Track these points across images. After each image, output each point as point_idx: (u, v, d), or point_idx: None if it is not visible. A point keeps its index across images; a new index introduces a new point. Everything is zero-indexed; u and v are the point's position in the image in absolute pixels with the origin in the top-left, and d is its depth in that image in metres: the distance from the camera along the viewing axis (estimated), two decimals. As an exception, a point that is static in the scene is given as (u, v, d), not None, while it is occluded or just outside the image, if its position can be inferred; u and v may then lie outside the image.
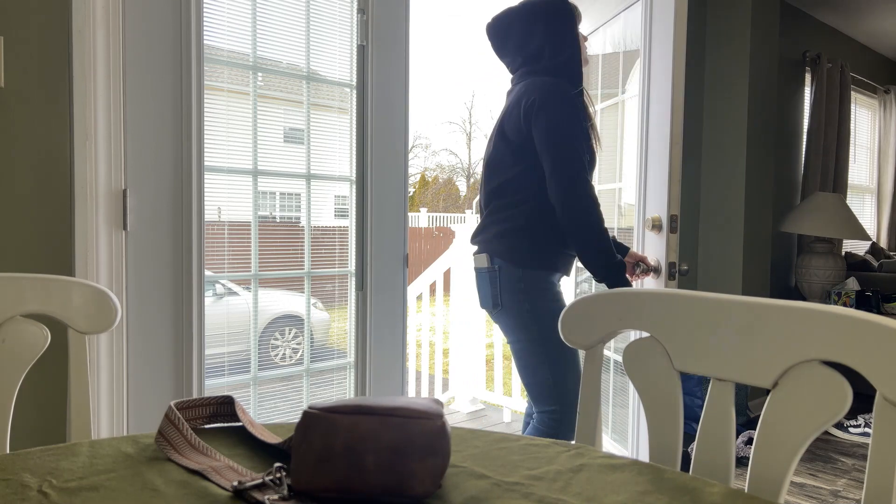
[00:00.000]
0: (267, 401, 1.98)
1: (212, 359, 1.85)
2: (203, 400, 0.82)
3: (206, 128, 1.78)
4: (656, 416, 0.86)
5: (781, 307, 0.76)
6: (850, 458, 2.98)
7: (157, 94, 1.68)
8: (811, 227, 3.71)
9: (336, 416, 0.61)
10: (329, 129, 2.06)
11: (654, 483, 0.66)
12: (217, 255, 1.85)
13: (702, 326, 0.82)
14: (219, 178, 1.83)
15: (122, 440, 0.77)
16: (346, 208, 2.12)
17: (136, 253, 1.66)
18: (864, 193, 5.31)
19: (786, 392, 0.74)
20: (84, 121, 1.56)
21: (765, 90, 3.50)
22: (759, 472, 0.75)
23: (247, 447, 0.76)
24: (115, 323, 1.00)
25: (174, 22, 1.70)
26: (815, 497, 2.53)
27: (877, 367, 0.68)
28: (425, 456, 0.59)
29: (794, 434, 0.73)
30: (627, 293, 0.90)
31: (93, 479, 0.65)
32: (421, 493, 0.59)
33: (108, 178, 1.61)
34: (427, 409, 0.62)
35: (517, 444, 0.77)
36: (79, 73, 1.55)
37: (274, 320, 2.01)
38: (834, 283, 3.88)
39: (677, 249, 2.09)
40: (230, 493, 0.62)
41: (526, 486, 0.65)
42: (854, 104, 4.94)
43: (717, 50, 3.48)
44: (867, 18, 4.44)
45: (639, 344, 0.88)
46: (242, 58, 1.87)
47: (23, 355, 0.97)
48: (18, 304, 0.97)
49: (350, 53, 2.09)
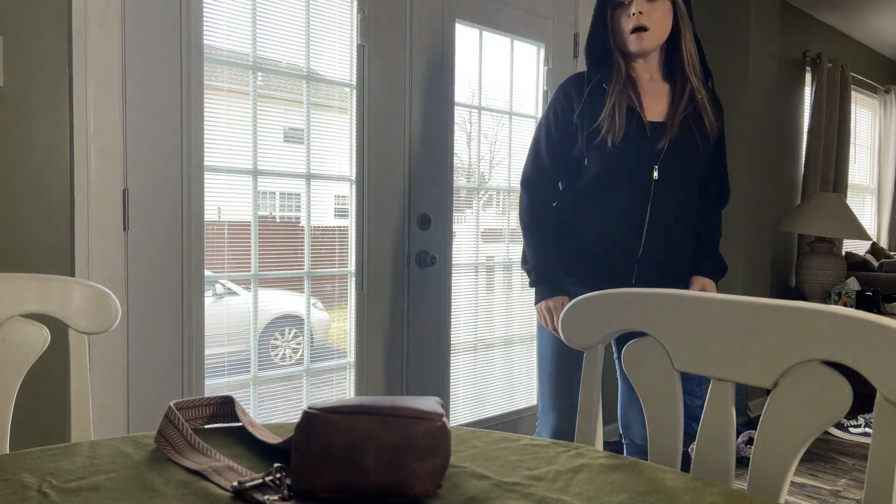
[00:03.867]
0: (267, 401, 1.98)
1: (212, 359, 1.85)
2: (203, 400, 0.82)
3: (205, 128, 1.78)
4: (656, 416, 0.86)
5: (781, 307, 0.76)
6: (851, 458, 2.98)
7: (156, 93, 1.68)
8: (811, 226, 3.71)
9: (336, 416, 0.61)
10: (329, 128, 2.06)
11: (654, 483, 0.66)
12: (217, 255, 1.85)
13: (702, 326, 0.82)
14: (219, 178, 1.83)
15: (122, 440, 0.77)
16: (346, 208, 2.12)
17: (136, 253, 1.66)
18: (865, 193, 5.31)
19: (786, 392, 0.74)
20: (84, 121, 1.56)
21: (765, 90, 3.50)
22: (760, 472, 0.75)
23: (247, 447, 0.76)
24: (116, 323, 1.00)
25: (174, 22, 1.70)
26: (815, 497, 2.53)
27: (877, 367, 0.68)
28: (425, 456, 0.59)
29: (794, 434, 0.73)
30: (628, 293, 0.90)
31: (93, 480, 0.65)
32: (421, 493, 0.59)
33: (108, 178, 1.61)
34: (427, 410, 0.62)
35: (517, 444, 0.77)
36: (79, 73, 1.55)
37: (274, 320, 2.01)
38: (834, 283, 3.88)
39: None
40: (230, 494, 0.62)
41: (526, 487, 0.65)
42: (854, 104, 4.94)
43: (717, 49, 3.48)
44: (867, 18, 4.44)
45: (639, 344, 0.88)
46: (242, 57, 1.87)
47: (23, 355, 0.97)
48: (18, 303, 0.97)
49: (350, 53, 2.09)
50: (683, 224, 1.67)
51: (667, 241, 1.64)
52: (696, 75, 1.62)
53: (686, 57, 1.62)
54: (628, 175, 1.60)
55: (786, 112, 4.17)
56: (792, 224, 3.79)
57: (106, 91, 1.60)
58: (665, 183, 1.60)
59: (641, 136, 1.59)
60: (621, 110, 1.58)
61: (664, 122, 1.61)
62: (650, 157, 1.59)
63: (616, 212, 1.62)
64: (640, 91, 1.64)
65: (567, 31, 2.71)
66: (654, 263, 1.64)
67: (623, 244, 1.63)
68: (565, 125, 1.67)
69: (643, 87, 1.65)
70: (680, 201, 1.64)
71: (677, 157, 1.60)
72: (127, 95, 1.63)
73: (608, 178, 1.62)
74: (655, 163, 1.59)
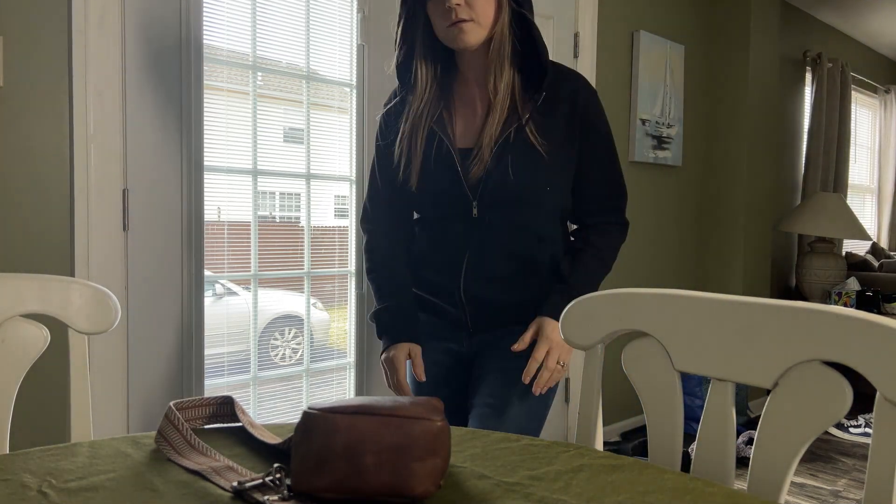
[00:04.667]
0: (267, 401, 1.98)
1: (211, 359, 1.85)
2: (203, 400, 0.82)
3: (205, 127, 1.78)
4: (656, 416, 0.86)
5: (782, 307, 0.76)
6: (851, 458, 2.98)
7: (156, 93, 1.68)
8: (811, 226, 3.71)
9: (336, 416, 0.60)
10: (329, 128, 2.06)
11: (654, 483, 0.66)
12: (217, 255, 1.85)
13: (702, 326, 0.82)
14: (218, 178, 1.83)
15: (122, 440, 0.77)
16: (346, 208, 2.12)
17: (135, 253, 1.66)
18: (865, 193, 5.31)
19: (786, 392, 0.74)
20: (84, 121, 1.56)
21: (765, 89, 3.50)
22: (760, 472, 0.75)
23: (247, 447, 0.76)
24: (115, 323, 1.00)
25: (174, 21, 1.70)
26: (815, 497, 2.53)
27: (877, 367, 0.68)
28: (425, 456, 0.59)
29: (794, 434, 0.73)
30: (627, 293, 0.90)
31: (92, 480, 0.65)
32: (421, 494, 0.59)
33: (108, 178, 1.61)
34: (427, 410, 0.62)
35: (517, 444, 0.77)
36: (79, 73, 1.55)
37: (274, 320, 2.01)
38: (834, 283, 3.88)
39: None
40: (230, 494, 0.62)
41: (526, 487, 0.65)
42: (854, 104, 4.94)
43: (717, 49, 3.48)
44: (868, 18, 4.44)
45: (639, 344, 0.88)
46: (242, 57, 1.87)
47: (22, 355, 0.97)
48: (18, 304, 0.97)
49: (350, 53, 2.09)
50: (524, 261, 1.28)
51: (500, 287, 1.28)
52: (506, 76, 1.21)
53: (505, 51, 1.20)
54: (443, 217, 1.29)
55: (786, 112, 4.17)
56: (792, 224, 3.79)
57: (106, 91, 1.60)
58: (490, 220, 1.24)
59: (449, 168, 1.24)
60: (419, 138, 1.25)
61: (473, 147, 1.24)
62: (465, 197, 1.24)
63: (437, 260, 1.32)
64: (455, 107, 1.29)
65: (567, 30, 2.71)
66: (484, 316, 1.31)
67: (448, 297, 1.32)
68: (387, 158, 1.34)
69: (461, 100, 1.29)
70: (513, 238, 1.26)
71: (505, 187, 1.21)
72: (127, 95, 1.63)
73: (425, 218, 1.34)
74: (474, 199, 1.23)
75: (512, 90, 1.22)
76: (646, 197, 3.15)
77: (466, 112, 1.29)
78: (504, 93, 1.21)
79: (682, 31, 3.30)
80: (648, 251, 3.19)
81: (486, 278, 1.28)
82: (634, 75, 3.02)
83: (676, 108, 3.24)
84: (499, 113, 1.21)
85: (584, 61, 2.77)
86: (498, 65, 1.21)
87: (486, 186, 1.22)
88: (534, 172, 1.22)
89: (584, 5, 2.73)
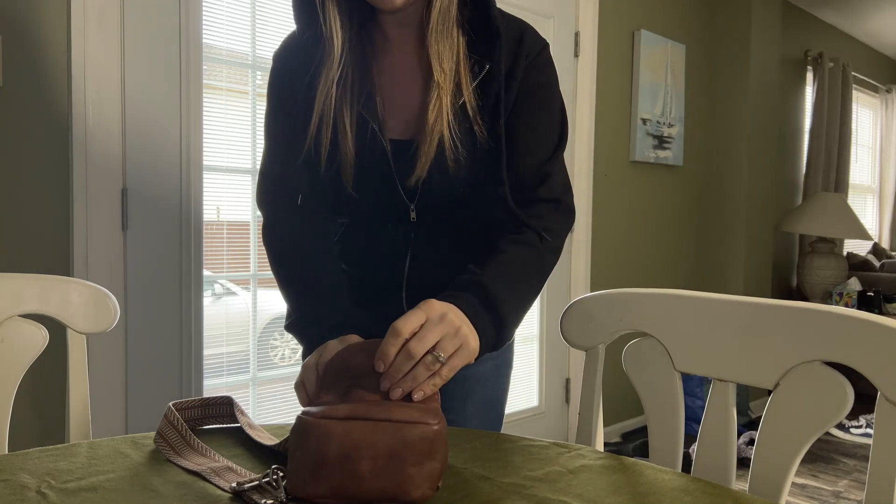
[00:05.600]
0: (266, 401, 1.98)
1: (211, 359, 1.85)
2: (202, 400, 0.81)
3: (205, 127, 1.78)
4: (657, 416, 0.86)
5: (783, 307, 0.76)
6: (852, 458, 2.97)
7: (156, 93, 1.68)
8: (813, 226, 3.70)
9: (330, 422, 0.60)
10: (329, 128, 2.06)
11: (654, 484, 0.66)
12: (216, 254, 1.85)
13: (703, 327, 0.82)
14: (218, 178, 1.83)
15: (121, 441, 0.77)
16: (346, 208, 2.11)
17: (135, 252, 1.66)
18: (866, 193, 5.30)
19: (787, 393, 0.74)
20: (83, 120, 1.56)
21: (766, 89, 3.49)
22: (761, 472, 0.75)
23: (245, 448, 0.76)
24: (114, 323, 1.00)
25: (173, 21, 1.70)
26: (816, 498, 2.53)
27: (878, 368, 0.67)
28: (421, 460, 0.59)
29: (795, 435, 0.73)
30: (628, 293, 0.90)
31: (91, 480, 0.65)
32: (418, 498, 0.59)
33: (107, 178, 1.61)
34: (422, 413, 0.62)
35: (517, 444, 0.77)
36: (79, 73, 1.55)
37: (273, 320, 2.00)
38: (835, 283, 3.87)
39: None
40: (229, 495, 0.62)
41: (526, 487, 0.64)
42: (856, 103, 4.93)
43: (718, 48, 3.47)
44: (869, 17, 4.44)
45: (639, 344, 0.88)
46: (242, 57, 1.86)
47: (21, 355, 0.96)
48: (17, 303, 0.97)
49: (350, 53, 2.09)
50: (475, 252, 0.96)
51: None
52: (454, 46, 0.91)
53: (451, 10, 0.90)
54: (374, 220, 1.02)
55: (787, 112, 4.17)
56: (793, 224, 3.78)
57: (106, 91, 1.59)
58: (432, 222, 1.00)
59: (381, 168, 0.95)
60: (346, 123, 0.92)
61: (410, 140, 0.94)
62: (400, 202, 0.97)
63: (370, 268, 1.04)
64: (380, 83, 0.96)
65: (568, 30, 2.71)
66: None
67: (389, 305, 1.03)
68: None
69: (385, 74, 0.97)
70: (459, 236, 1.01)
71: (450, 187, 0.96)
72: (126, 95, 1.63)
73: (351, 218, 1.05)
74: (411, 203, 0.97)
75: (457, 63, 0.91)
76: (646, 197, 3.15)
77: (395, 91, 0.96)
78: (450, 69, 0.90)
79: (683, 31, 3.29)
80: (649, 251, 3.19)
81: (433, 287, 0.93)
82: (635, 75, 3.02)
83: (677, 107, 3.23)
84: (444, 97, 0.90)
85: (585, 61, 2.76)
86: (443, 31, 0.90)
87: (426, 187, 0.95)
88: (482, 165, 0.96)
89: (585, 4, 2.73)
